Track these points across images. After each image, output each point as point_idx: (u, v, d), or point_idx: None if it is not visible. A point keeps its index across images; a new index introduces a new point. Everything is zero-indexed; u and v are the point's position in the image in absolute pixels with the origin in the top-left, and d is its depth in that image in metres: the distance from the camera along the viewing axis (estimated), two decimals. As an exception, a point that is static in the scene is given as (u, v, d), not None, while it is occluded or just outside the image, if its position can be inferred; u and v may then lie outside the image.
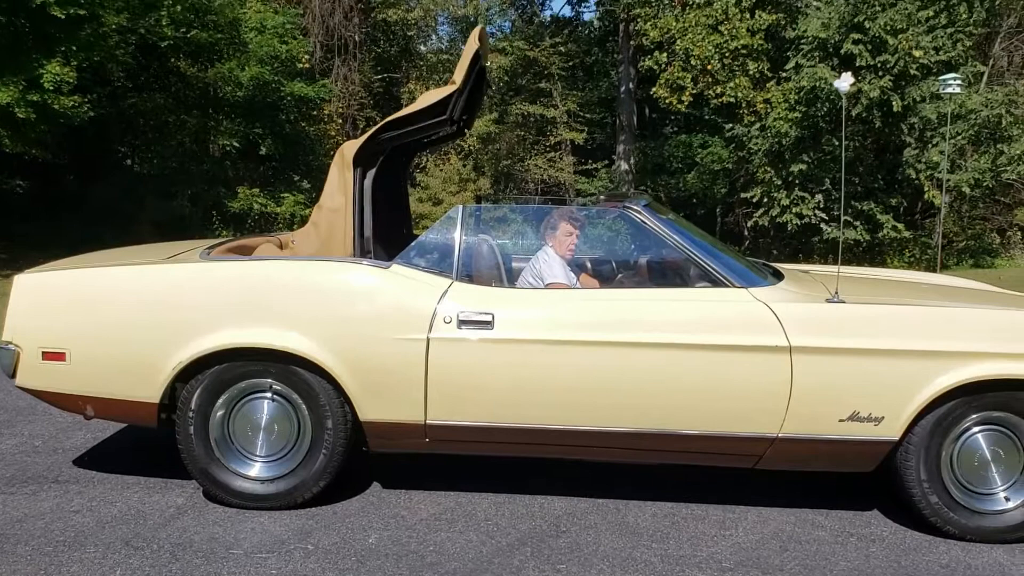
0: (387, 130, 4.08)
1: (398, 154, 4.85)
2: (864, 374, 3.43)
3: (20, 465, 4.17)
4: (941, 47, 14.45)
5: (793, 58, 15.51)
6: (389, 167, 4.63)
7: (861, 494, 3.99)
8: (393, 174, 4.85)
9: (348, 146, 4.10)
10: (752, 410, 3.48)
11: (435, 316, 3.54)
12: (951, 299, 4.03)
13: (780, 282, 3.82)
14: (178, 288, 3.68)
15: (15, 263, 12.79)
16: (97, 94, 14.52)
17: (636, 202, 3.93)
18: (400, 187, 5.14)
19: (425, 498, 3.84)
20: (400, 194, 5.14)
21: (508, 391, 3.53)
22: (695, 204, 20.55)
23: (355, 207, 4.01)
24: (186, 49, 16.13)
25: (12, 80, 11.28)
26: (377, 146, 4.13)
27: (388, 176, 4.65)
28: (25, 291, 3.76)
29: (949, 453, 3.51)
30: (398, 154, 4.85)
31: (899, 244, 15.95)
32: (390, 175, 4.74)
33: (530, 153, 22.10)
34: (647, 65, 17.73)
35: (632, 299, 3.69)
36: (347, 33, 20.46)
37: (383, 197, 4.42)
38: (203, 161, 17.52)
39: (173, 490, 3.87)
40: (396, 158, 4.84)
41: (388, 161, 4.47)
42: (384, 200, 4.49)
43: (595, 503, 3.82)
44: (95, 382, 3.65)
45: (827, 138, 15.43)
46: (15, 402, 5.13)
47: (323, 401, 3.59)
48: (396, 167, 4.92)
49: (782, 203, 15.97)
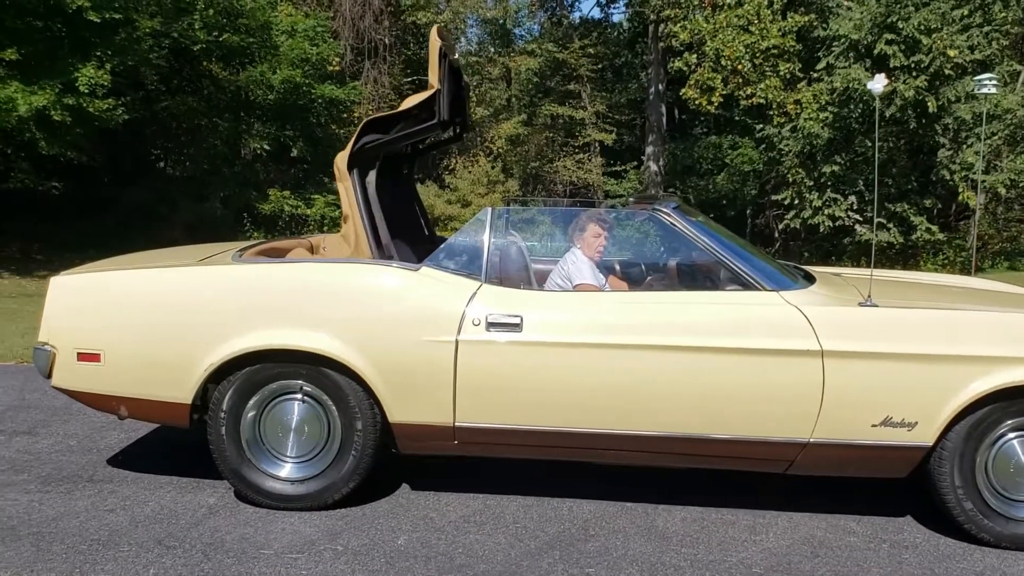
0: (368, 133, 4.06)
1: (400, 160, 4.87)
2: (897, 379, 3.39)
3: (56, 464, 4.23)
4: (976, 46, 14.26)
5: (824, 58, 15.37)
6: (393, 173, 4.65)
7: (894, 500, 3.94)
8: (400, 180, 4.88)
9: (339, 157, 4.11)
10: (783, 415, 3.45)
11: (464, 318, 3.55)
12: (985, 303, 3.98)
13: (811, 285, 3.78)
14: (210, 290, 3.71)
15: (51, 264, 13.01)
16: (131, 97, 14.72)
17: (666, 204, 3.91)
18: (410, 191, 5.16)
19: (454, 500, 3.85)
20: (412, 198, 5.16)
21: (536, 393, 3.52)
22: (725, 206, 20.44)
23: (362, 216, 4.02)
24: (218, 53, 16.32)
25: (49, 84, 11.47)
26: (367, 154, 4.12)
27: (395, 182, 4.67)
28: (61, 293, 3.82)
29: (984, 459, 3.46)
30: (400, 160, 4.87)
31: (933, 246, 15.76)
32: (396, 181, 4.77)
33: (559, 155, 22.09)
34: (677, 66, 17.65)
35: (661, 302, 3.67)
36: (377, 36, 20.58)
37: (394, 203, 4.43)
38: (234, 163, 17.72)
39: (205, 490, 3.90)
40: (398, 164, 4.87)
41: (391, 167, 4.49)
42: (396, 205, 4.50)
43: (624, 507, 3.81)
44: (129, 383, 3.70)
45: (860, 139, 15.28)
46: (51, 402, 5.21)
47: (353, 403, 3.61)
48: (400, 173, 4.95)
49: (814, 204, 15.84)
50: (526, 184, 22.03)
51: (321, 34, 17.61)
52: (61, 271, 3.99)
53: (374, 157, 4.16)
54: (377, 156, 4.17)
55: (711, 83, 16.67)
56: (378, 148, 4.13)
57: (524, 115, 22.00)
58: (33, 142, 12.34)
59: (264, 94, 16.49)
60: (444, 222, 18.76)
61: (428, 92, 4.07)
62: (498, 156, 21.42)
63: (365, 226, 3.99)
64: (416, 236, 4.84)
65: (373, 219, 4.05)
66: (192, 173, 18.05)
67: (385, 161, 4.32)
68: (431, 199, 19.18)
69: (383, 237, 4.05)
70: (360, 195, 4.04)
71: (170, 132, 17.51)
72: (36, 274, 12.57)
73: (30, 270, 12.98)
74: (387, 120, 4.17)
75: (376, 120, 4.14)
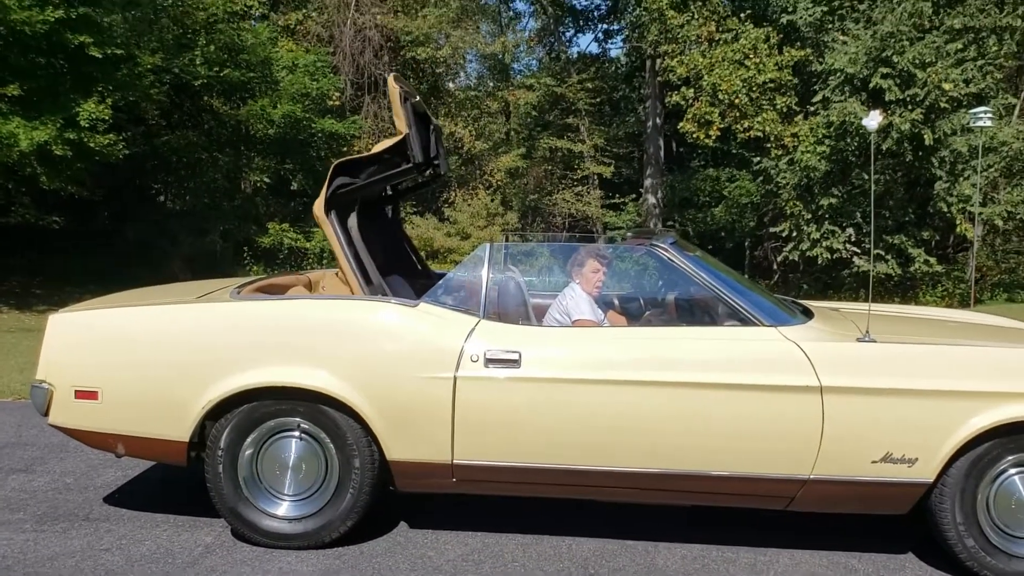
0: (339, 176, 4.07)
1: (382, 202, 4.90)
2: (897, 415, 3.38)
3: (52, 503, 4.21)
4: (971, 80, 14.38)
5: (821, 92, 15.49)
6: (378, 214, 4.68)
7: (895, 536, 3.91)
8: (386, 220, 4.92)
9: (316, 204, 4.11)
10: (783, 451, 3.43)
11: (462, 355, 3.54)
12: (984, 338, 3.97)
13: (810, 320, 3.78)
14: (208, 328, 3.71)
15: (50, 298, 13.01)
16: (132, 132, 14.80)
17: (663, 240, 3.93)
18: (398, 231, 5.20)
19: (452, 538, 3.82)
20: (401, 238, 5.22)
21: (535, 431, 3.51)
22: (723, 238, 20.50)
23: (348, 258, 4.02)
24: (219, 88, 16.44)
25: (50, 119, 11.55)
26: (344, 198, 4.12)
27: (382, 223, 4.72)
28: (59, 330, 3.82)
29: (985, 496, 3.44)
30: (382, 202, 4.90)
31: (931, 278, 15.77)
32: (383, 222, 4.81)
33: (557, 187, 22.19)
34: (674, 100, 17.81)
35: (660, 338, 3.67)
36: (377, 71, 20.74)
37: (383, 242, 4.47)
38: (235, 197, 17.78)
39: (202, 528, 3.88)
40: (382, 205, 4.90)
41: (375, 209, 4.51)
42: (386, 245, 4.55)
43: (624, 544, 3.78)
44: (126, 421, 3.68)
45: (857, 172, 15.36)
46: (48, 439, 5.19)
47: (351, 440, 3.59)
48: (385, 214, 4.98)
49: (812, 237, 15.89)
50: (525, 216, 22.10)
51: (321, 69, 17.76)
52: (61, 305, 3.99)
53: (352, 200, 4.18)
54: (355, 199, 4.19)
55: (708, 117, 16.82)
56: (354, 192, 4.15)
57: (523, 148, 22.12)
58: (34, 177, 12.39)
59: (264, 128, 16.59)
60: (444, 255, 18.79)
61: (398, 137, 4.13)
62: (497, 189, 21.52)
63: (352, 268, 4.00)
64: (410, 272, 4.86)
65: (360, 260, 4.06)
66: (192, 207, 18.11)
67: (367, 203, 4.35)
68: (431, 232, 19.23)
69: (373, 277, 4.05)
70: (343, 238, 4.06)
71: (170, 166, 17.59)
72: (36, 308, 12.56)
73: (30, 304, 12.97)
74: (357, 163, 4.21)
75: (346, 163, 4.17)
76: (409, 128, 4.11)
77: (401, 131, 4.11)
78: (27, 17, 11.13)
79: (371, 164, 4.18)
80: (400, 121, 4.12)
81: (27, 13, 11.13)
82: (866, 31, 14.72)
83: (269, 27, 17.87)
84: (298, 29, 20.02)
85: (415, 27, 20.24)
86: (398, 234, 5.18)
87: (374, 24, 20.39)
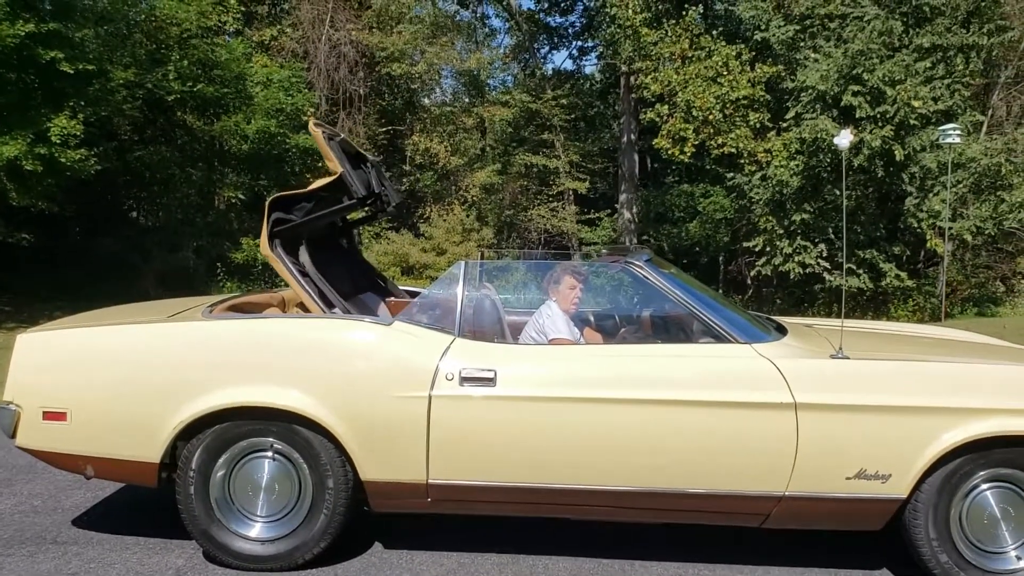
0: (276, 211, 4.04)
1: (334, 233, 4.92)
2: (870, 431, 3.40)
3: (19, 526, 4.13)
4: (939, 97, 14.59)
5: (793, 108, 15.66)
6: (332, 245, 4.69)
7: (870, 552, 3.93)
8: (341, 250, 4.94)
9: (261, 245, 4.07)
10: (758, 468, 3.44)
11: (437, 373, 3.52)
12: (956, 354, 4.01)
13: (784, 337, 3.80)
14: (179, 347, 3.67)
15: (19, 315, 12.82)
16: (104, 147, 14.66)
17: (638, 257, 3.94)
18: (357, 259, 5.22)
19: (427, 559, 3.79)
20: (362, 263, 5.24)
21: (510, 449, 3.49)
22: (698, 252, 20.61)
23: (306, 289, 3.97)
24: (192, 103, 16.34)
25: (20, 134, 11.42)
26: (287, 233, 4.07)
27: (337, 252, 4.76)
28: (27, 350, 3.76)
29: (958, 511, 3.47)
30: (334, 233, 4.92)
31: (903, 293, 15.94)
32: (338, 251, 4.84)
33: (533, 203, 22.21)
34: (649, 117, 17.90)
35: (634, 355, 3.67)
36: (352, 87, 20.72)
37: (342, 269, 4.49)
38: (208, 213, 17.65)
39: (173, 551, 3.82)
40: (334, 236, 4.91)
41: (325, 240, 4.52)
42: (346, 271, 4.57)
43: (600, 563, 3.76)
44: (96, 442, 3.62)
45: (829, 188, 15.51)
46: (15, 460, 5.10)
47: (324, 460, 3.56)
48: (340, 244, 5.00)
49: (784, 251, 16.01)
50: (501, 232, 22.10)
51: (296, 84, 17.70)
52: (30, 322, 3.94)
53: (299, 235, 4.15)
54: (300, 234, 4.16)
55: (683, 133, 16.92)
56: (298, 228, 4.12)
57: (498, 164, 22.13)
58: (4, 193, 12.23)
59: (238, 144, 16.50)
60: (419, 271, 18.74)
61: (333, 176, 4.13)
62: (473, 204, 21.51)
63: (312, 296, 3.96)
64: (379, 294, 4.86)
65: (318, 287, 4.02)
66: (165, 223, 17.95)
67: (317, 236, 4.35)
68: (406, 247, 19.17)
69: (334, 301, 4.00)
70: (295, 270, 4.00)
71: (143, 182, 17.42)
72: (5, 326, 12.36)
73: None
74: (294, 199, 4.18)
75: (281, 199, 4.13)
76: (343, 166, 4.12)
77: (336, 171, 4.12)
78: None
79: (308, 200, 4.18)
80: (332, 162, 4.13)
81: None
82: (837, 49, 14.90)
83: (243, 43, 17.80)
84: (272, 45, 19.96)
85: (390, 43, 20.25)
86: (358, 260, 5.21)
87: (349, 40, 20.37)
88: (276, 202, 4.08)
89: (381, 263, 18.83)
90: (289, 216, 4.11)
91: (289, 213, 4.11)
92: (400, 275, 18.52)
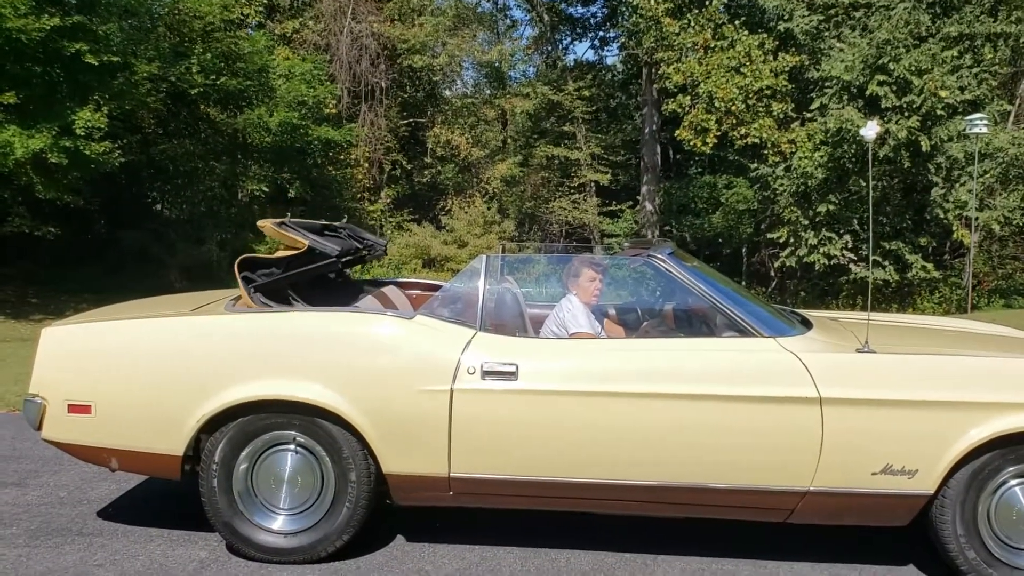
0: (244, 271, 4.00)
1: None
2: (896, 426, 3.35)
3: (45, 517, 4.17)
4: (966, 87, 14.40)
5: (817, 99, 15.50)
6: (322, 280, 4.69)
7: (896, 548, 3.89)
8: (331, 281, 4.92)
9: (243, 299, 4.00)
10: (782, 463, 3.41)
11: (459, 367, 3.51)
12: (983, 348, 3.95)
13: (809, 331, 3.76)
14: (203, 341, 3.68)
15: (46, 307, 12.97)
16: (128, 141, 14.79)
17: (660, 250, 3.90)
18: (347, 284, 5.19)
19: (449, 552, 3.79)
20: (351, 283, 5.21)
21: (532, 443, 3.48)
22: (721, 244, 20.49)
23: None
24: (215, 96, 16.44)
25: (46, 127, 11.53)
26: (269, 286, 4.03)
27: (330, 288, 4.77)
28: (52, 344, 3.78)
29: (986, 507, 3.42)
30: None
31: (929, 284, 15.77)
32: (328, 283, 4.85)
33: (554, 195, 22.16)
34: (671, 108, 17.79)
35: (657, 349, 3.64)
36: (373, 79, 20.75)
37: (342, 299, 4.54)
38: (231, 206, 17.75)
39: (196, 543, 3.84)
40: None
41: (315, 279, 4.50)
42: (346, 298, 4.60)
43: (622, 558, 3.75)
44: (120, 435, 3.65)
45: (854, 179, 15.36)
46: (42, 452, 5.15)
47: (346, 453, 3.56)
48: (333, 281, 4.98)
49: (809, 243, 15.88)
50: (522, 224, 22.09)
51: (318, 77, 17.76)
52: (56, 315, 3.97)
53: (281, 287, 4.11)
54: (284, 286, 4.13)
55: (705, 124, 16.80)
56: (279, 282, 4.09)
57: (520, 156, 22.12)
58: (30, 186, 12.38)
59: (261, 136, 16.58)
60: (440, 263, 18.78)
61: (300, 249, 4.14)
62: (494, 197, 21.52)
63: None
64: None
65: None
66: (189, 216, 18.09)
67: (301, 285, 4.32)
68: (428, 240, 19.23)
69: None
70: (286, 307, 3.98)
71: (167, 175, 17.57)
72: (31, 318, 12.51)
73: (26, 314, 12.91)
74: (259, 262, 4.17)
75: (248, 260, 4.10)
76: (305, 238, 4.13)
77: (301, 245, 4.12)
78: (23, 25, 11.12)
79: (276, 266, 4.15)
80: (292, 240, 4.14)
81: (23, 21, 11.12)
82: (862, 38, 14.74)
83: (266, 35, 17.90)
84: (295, 37, 20.04)
85: (411, 35, 20.27)
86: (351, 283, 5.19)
87: (371, 32, 20.40)
88: (243, 263, 4.05)
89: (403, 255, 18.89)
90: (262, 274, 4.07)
91: (254, 274, 4.06)
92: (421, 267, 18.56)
